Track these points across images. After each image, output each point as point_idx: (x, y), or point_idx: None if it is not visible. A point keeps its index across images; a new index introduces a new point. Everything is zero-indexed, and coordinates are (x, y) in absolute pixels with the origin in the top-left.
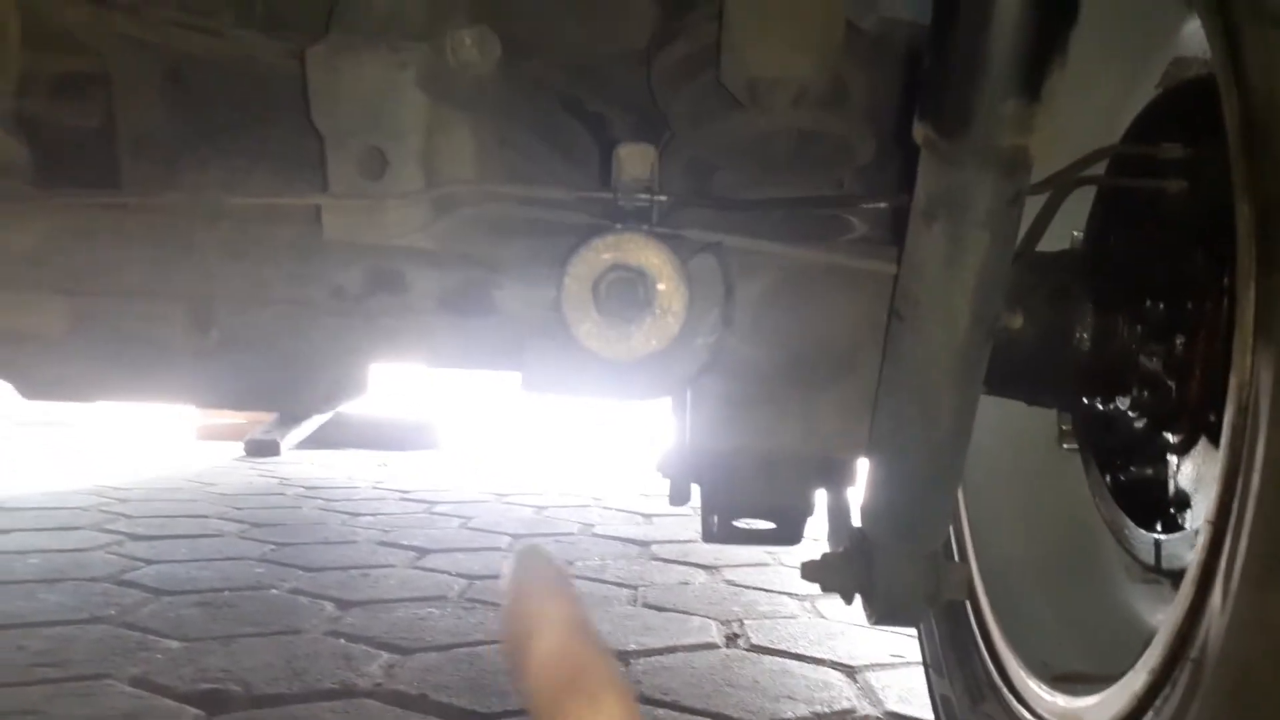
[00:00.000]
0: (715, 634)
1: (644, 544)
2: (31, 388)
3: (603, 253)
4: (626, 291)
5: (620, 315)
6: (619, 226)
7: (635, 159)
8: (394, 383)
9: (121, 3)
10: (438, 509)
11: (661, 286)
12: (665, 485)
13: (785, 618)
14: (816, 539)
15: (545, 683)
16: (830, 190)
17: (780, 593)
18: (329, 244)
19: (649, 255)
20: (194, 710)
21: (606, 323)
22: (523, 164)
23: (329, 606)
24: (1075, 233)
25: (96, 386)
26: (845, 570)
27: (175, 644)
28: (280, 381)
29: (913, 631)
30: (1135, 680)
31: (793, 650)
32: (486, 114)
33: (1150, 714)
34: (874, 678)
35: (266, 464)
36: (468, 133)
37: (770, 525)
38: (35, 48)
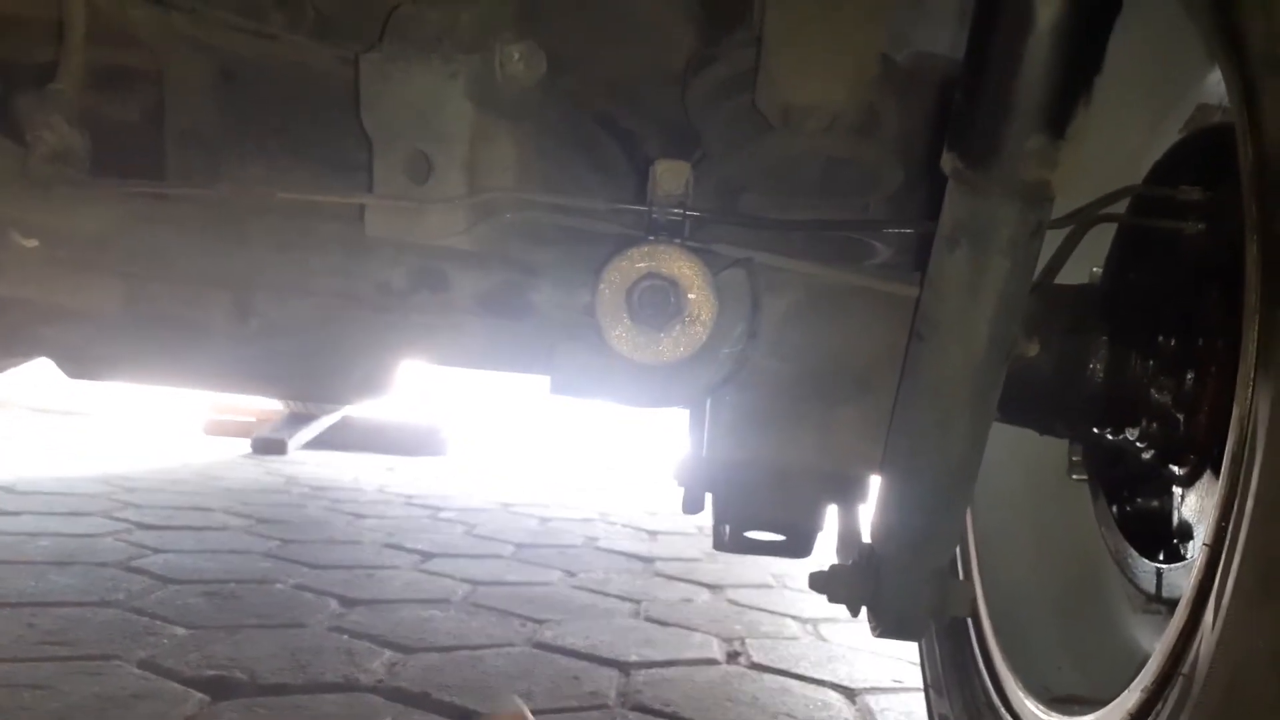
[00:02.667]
0: (716, 650)
1: (648, 560)
2: (76, 367)
3: (638, 261)
4: (658, 299)
5: (651, 322)
6: (652, 238)
7: (671, 174)
8: (404, 387)
9: (181, 5)
10: (443, 515)
11: (692, 296)
12: (671, 504)
13: (787, 639)
14: (825, 556)
15: None
16: (855, 211)
17: (783, 614)
18: (375, 240)
19: (681, 266)
20: (200, 695)
21: (638, 329)
22: (558, 175)
23: (333, 603)
24: (1095, 269)
25: (137, 368)
26: (853, 582)
27: (182, 631)
28: (313, 371)
29: (914, 657)
30: (1129, 699)
31: (793, 670)
32: (527, 125)
33: None
34: (873, 700)
35: (273, 462)
36: (509, 142)
37: (781, 538)
38: (87, 42)
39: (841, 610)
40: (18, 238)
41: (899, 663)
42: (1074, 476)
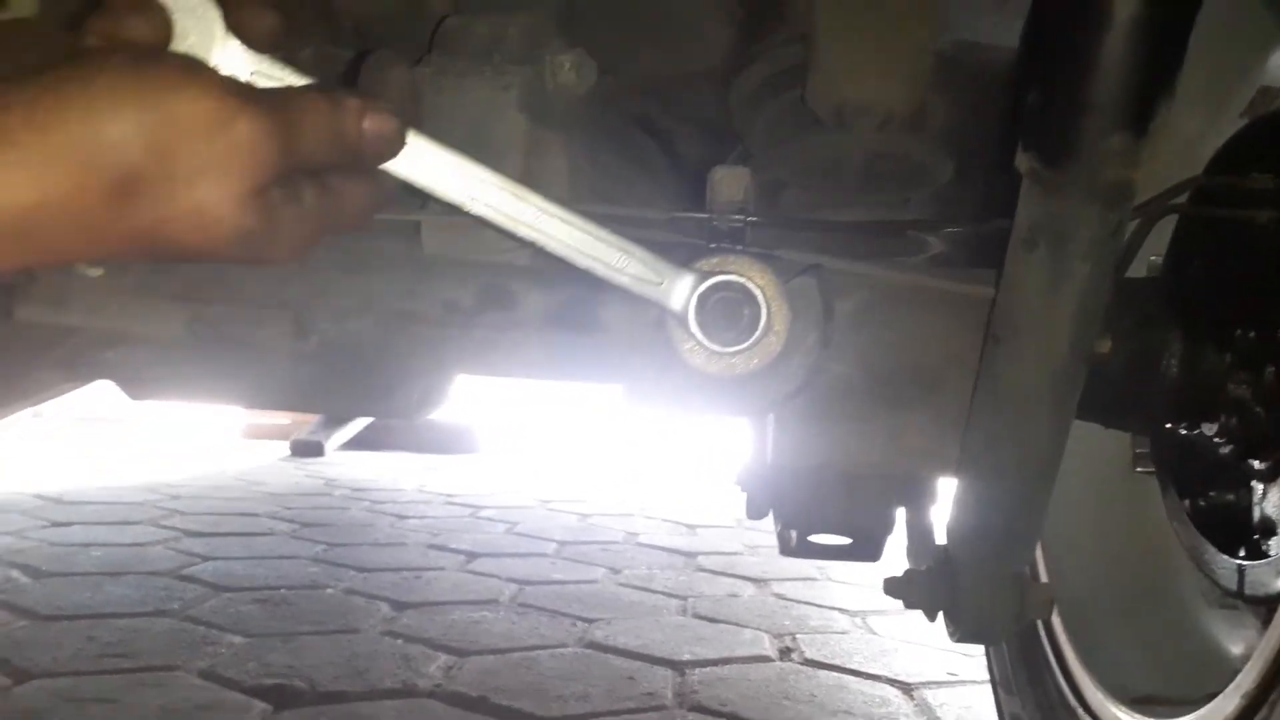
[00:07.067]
0: (768, 647)
1: (690, 555)
2: (138, 389)
3: (708, 273)
4: (731, 311)
5: (724, 335)
6: (714, 246)
7: (730, 181)
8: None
9: None
10: (483, 513)
11: (765, 307)
12: (707, 497)
13: (838, 633)
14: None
15: None
16: (898, 205)
17: (831, 608)
18: (440, 259)
19: (754, 275)
20: (261, 704)
21: (710, 342)
22: (610, 182)
23: (384, 607)
24: (1153, 257)
25: (198, 388)
26: (930, 588)
27: (238, 639)
28: (373, 388)
29: (966, 650)
30: (1227, 704)
31: (848, 665)
32: (578, 134)
33: None
34: (931, 695)
35: (312, 464)
36: (561, 152)
37: (848, 541)
38: None
39: (889, 602)
40: (83, 267)
41: (951, 655)
42: (1138, 469)
